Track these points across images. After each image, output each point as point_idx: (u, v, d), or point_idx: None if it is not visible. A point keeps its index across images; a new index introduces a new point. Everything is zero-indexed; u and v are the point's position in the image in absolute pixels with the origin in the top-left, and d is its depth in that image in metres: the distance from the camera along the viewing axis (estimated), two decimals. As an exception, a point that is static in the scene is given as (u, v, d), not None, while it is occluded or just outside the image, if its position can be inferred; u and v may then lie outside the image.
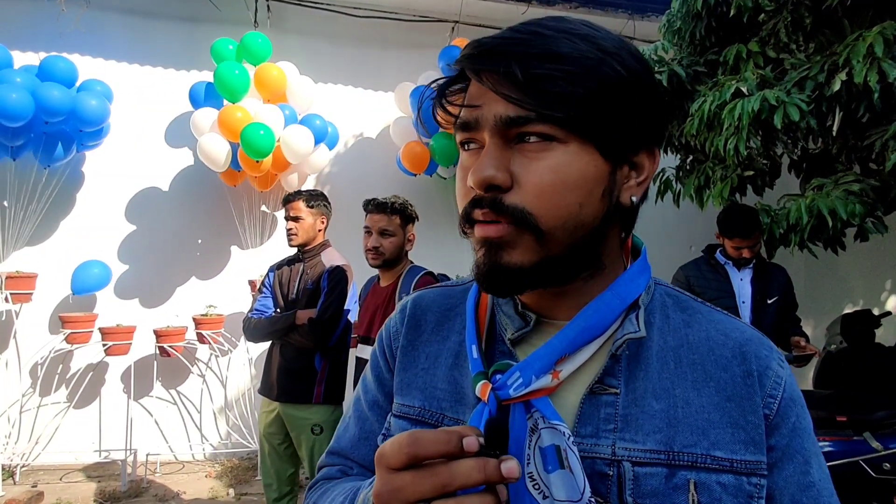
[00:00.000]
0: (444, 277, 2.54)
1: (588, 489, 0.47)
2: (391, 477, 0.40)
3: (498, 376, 0.52)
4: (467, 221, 0.53)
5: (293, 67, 4.03)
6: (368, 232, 2.32)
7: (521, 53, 0.47)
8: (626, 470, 0.50)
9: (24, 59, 3.90)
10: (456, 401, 0.59)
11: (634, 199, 0.54)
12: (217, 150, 3.66)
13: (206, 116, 3.75)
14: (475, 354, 0.56)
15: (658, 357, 0.55)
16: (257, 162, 3.71)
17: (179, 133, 4.21)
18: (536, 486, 0.48)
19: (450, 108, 0.54)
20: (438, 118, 0.57)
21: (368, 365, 0.72)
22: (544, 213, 0.48)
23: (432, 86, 0.57)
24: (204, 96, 3.88)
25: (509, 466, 0.38)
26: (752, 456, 0.51)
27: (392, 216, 2.29)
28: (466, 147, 0.54)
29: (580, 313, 0.53)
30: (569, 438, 0.48)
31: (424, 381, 0.62)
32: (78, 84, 3.75)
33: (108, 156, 4.10)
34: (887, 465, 2.31)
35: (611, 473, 0.50)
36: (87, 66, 4.00)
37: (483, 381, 0.53)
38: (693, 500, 0.49)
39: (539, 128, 0.48)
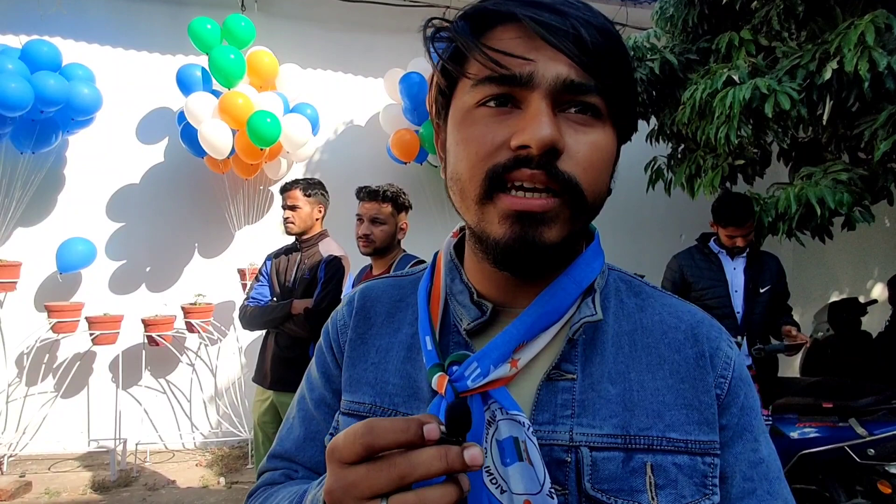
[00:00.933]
0: None
1: (548, 480, 0.46)
2: (344, 472, 0.37)
3: (455, 367, 0.50)
4: (494, 185, 0.47)
5: (281, 53, 3.97)
6: (360, 220, 2.30)
7: (583, 19, 0.45)
8: (584, 455, 0.49)
9: (3, 41, 3.80)
10: (409, 395, 0.56)
11: (613, 184, 0.54)
12: (219, 137, 3.59)
13: (201, 102, 3.63)
14: (429, 346, 0.53)
15: (613, 341, 0.54)
16: (261, 150, 3.68)
17: (164, 119, 4.13)
18: (494, 481, 0.47)
19: (492, 55, 0.46)
20: (469, 67, 0.49)
21: (313, 361, 0.68)
22: (589, 186, 0.47)
23: (436, 23, 0.51)
24: (193, 81, 3.78)
25: (472, 454, 0.36)
26: (705, 436, 0.51)
27: (383, 204, 2.28)
28: (493, 104, 0.48)
29: (537, 299, 0.52)
30: (528, 429, 0.47)
31: (375, 376, 0.59)
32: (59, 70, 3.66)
33: (92, 142, 4.02)
34: (872, 450, 2.34)
35: (569, 460, 0.49)
36: (69, 49, 3.90)
37: (439, 374, 0.50)
38: (650, 483, 0.49)
39: (594, 99, 0.47)
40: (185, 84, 3.79)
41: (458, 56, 0.50)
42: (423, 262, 2.30)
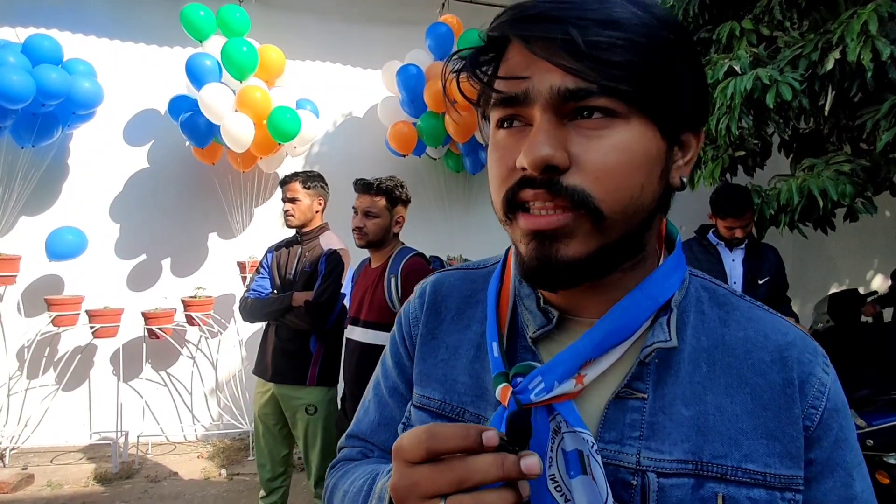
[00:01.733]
0: (435, 259, 2.52)
1: (611, 498, 0.45)
2: (408, 471, 0.39)
3: (519, 379, 0.49)
4: (511, 207, 0.47)
5: (277, 44, 3.93)
6: (355, 212, 2.30)
7: (578, 18, 0.43)
8: (651, 481, 0.47)
9: (2, 33, 3.78)
10: (477, 395, 0.56)
11: (684, 179, 0.51)
12: (243, 131, 3.57)
13: (216, 94, 3.56)
14: (496, 353, 0.52)
15: (690, 360, 0.51)
16: (280, 144, 3.74)
17: (164, 112, 4.11)
18: (559, 489, 0.47)
19: (490, 81, 0.47)
20: (467, 94, 0.51)
21: (387, 349, 0.69)
22: (606, 195, 0.44)
23: (458, 56, 0.51)
24: (203, 71, 3.68)
25: (529, 463, 0.37)
26: (787, 470, 0.48)
27: (376, 197, 2.26)
28: (506, 125, 0.48)
29: (608, 314, 0.49)
30: (592, 447, 0.46)
31: (444, 374, 0.59)
32: (61, 65, 3.63)
33: (93, 136, 4.00)
34: (870, 441, 2.35)
35: (634, 483, 0.48)
36: (68, 41, 3.86)
37: (503, 384, 0.50)
38: None
39: (601, 102, 0.44)
40: (195, 75, 3.69)
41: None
42: (421, 255, 2.30)
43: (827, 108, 2.53)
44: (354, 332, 2.25)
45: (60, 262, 3.72)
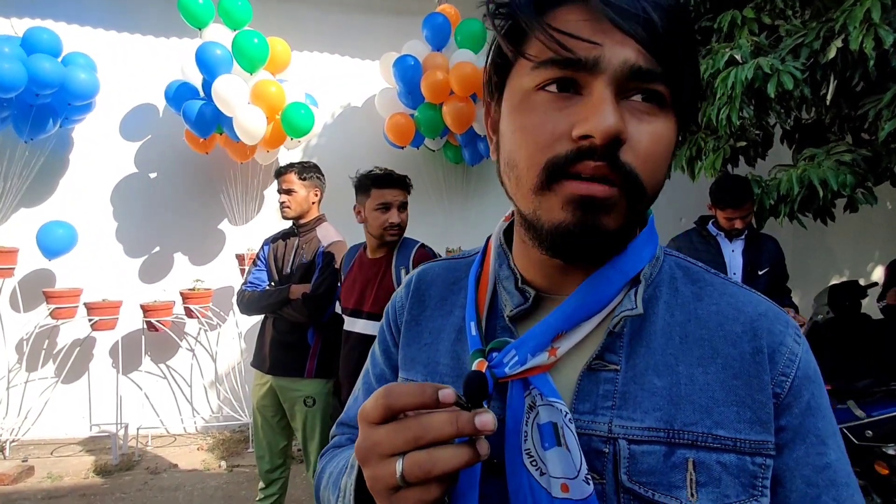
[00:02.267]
0: (431, 252, 2.50)
1: (584, 466, 0.46)
2: (370, 431, 0.41)
3: (494, 354, 0.51)
4: (556, 174, 0.45)
5: (276, 34, 3.90)
6: (385, 208, 2.18)
7: (654, 2, 0.44)
8: (622, 448, 0.48)
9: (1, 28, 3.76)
10: (458, 376, 0.58)
11: (670, 174, 0.53)
12: (255, 124, 3.55)
13: (230, 86, 3.50)
14: (473, 332, 0.55)
15: (663, 332, 0.52)
16: (292, 139, 3.77)
17: (162, 104, 4.08)
18: (534, 463, 0.48)
19: (557, 36, 0.44)
20: (530, 47, 0.47)
21: (377, 339, 0.72)
22: (649, 177, 0.46)
23: (499, 8, 0.48)
24: (214, 62, 3.59)
25: (484, 419, 0.38)
26: (757, 436, 0.49)
27: (402, 190, 2.23)
28: (554, 88, 0.46)
29: (578, 289, 0.51)
30: (566, 416, 0.47)
31: (428, 356, 0.61)
32: (61, 58, 3.60)
33: (91, 128, 3.98)
34: (870, 432, 2.35)
35: (606, 451, 0.49)
36: (66, 33, 3.82)
37: (479, 359, 0.51)
38: (690, 479, 0.47)
39: (660, 87, 0.45)
40: (207, 66, 3.60)
41: (517, 34, 0.48)
42: (425, 246, 2.27)
43: (828, 97, 2.51)
44: (356, 325, 2.21)
45: (57, 258, 3.72)
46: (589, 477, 0.46)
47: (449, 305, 0.63)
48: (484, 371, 0.49)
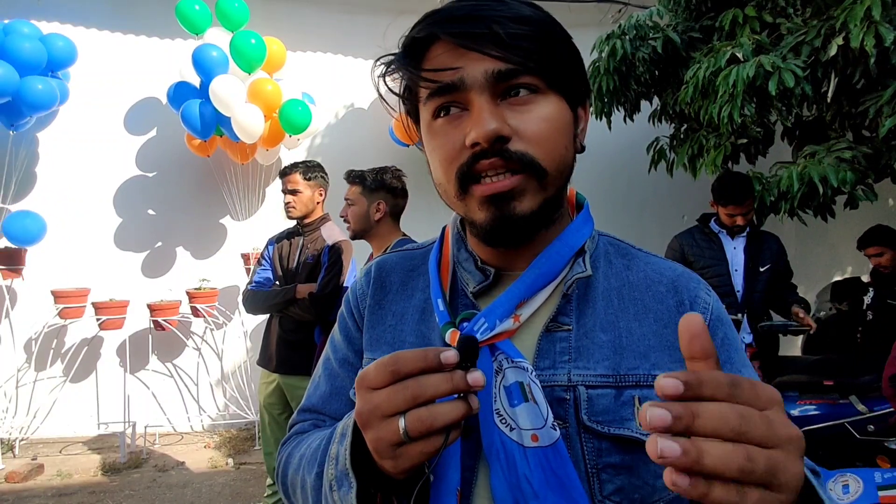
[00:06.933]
0: None
1: (551, 415, 0.53)
2: (370, 395, 0.44)
3: (465, 324, 0.57)
4: (465, 181, 0.55)
5: (278, 35, 3.93)
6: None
7: (496, 16, 0.52)
8: (581, 393, 0.56)
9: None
10: None
11: (583, 144, 0.62)
12: (253, 122, 3.59)
13: (227, 86, 3.54)
14: (441, 307, 0.60)
15: (603, 296, 0.61)
16: (290, 136, 3.81)
17: (165, 103, 4.11)
18: (504, 421, 0.54)
19: (424, 75, 0.54)
20: (420, 91, 0.57)
21: (336, 327, 0.76)
22: (545, 156, 0.54)
23: (382, 61, 0.59)
24: (211, 63, 3.65)
25: (475, 376, 0.43)
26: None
27: (351, 185, 2.27)
28: (443, 113, 0.56)
29: (534, 262, 0.58)
30: (531, 373, 0.54)
31: (393, 336, 0.66)
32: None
33: (93, 128, 4.02)
34: (871, 426, 2.37)
35: (568, 397, 0.56)
36: (71, 35, 3.87)
37: (452, 329, 0.57)
38: (637, 412, 0.55)
39: (527, 79, 0.53)
40: (202, 66, 3.66)
41: (409, 84, 0.59)
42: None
43: (829, 94, 2.53)
44: None
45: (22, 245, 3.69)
46: (555, 424, 0.53)
47: (410, 290, 0.69)
48: (457, 341, 0.54)
